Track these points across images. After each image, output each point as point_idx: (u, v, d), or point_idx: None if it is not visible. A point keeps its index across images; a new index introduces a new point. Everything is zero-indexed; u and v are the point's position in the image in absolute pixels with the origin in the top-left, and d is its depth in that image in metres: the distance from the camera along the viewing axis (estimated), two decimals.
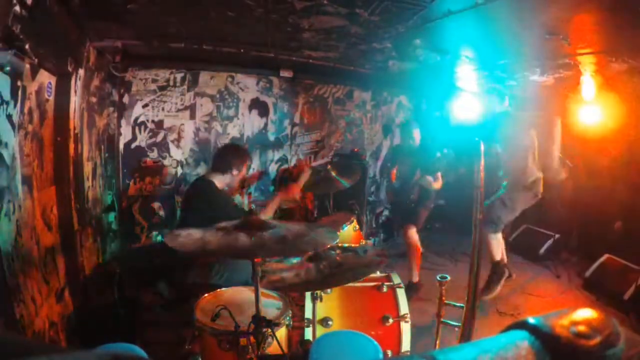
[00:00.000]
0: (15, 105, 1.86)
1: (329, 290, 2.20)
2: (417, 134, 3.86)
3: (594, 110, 3.94)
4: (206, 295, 2.04)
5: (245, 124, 4.51)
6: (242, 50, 3.52)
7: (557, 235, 4.54)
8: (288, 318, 1.88)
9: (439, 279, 2.31)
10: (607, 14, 2.08)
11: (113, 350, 1.45)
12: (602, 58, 2.97)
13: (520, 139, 3.36)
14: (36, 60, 1.93)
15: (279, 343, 1.61)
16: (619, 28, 2.31)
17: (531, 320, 0.40)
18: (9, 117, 1.81)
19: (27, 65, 1.93)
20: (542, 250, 4.57)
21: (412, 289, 3.56)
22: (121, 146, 3.85)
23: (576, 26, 2.40)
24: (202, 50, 3.41)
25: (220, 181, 2.70)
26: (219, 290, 2.10)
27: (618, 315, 3.28)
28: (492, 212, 3.31)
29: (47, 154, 2.34)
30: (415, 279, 3.71)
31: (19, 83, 1.88)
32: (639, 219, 3.92)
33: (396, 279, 2.36)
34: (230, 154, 2.79)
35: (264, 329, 1.62)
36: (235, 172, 2.73)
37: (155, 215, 4.06)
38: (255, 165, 4.64)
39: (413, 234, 3.71)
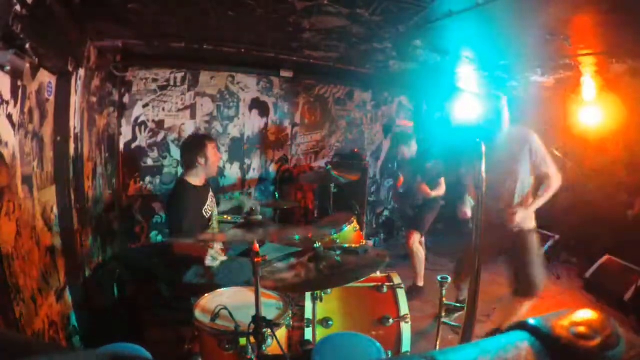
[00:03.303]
0: (15, 105, 1.86)
1: (329, 290, 2.20)
2: (413, 145, 3.91)
3: (594, 110, 3.94)
4: (206, 295, 2.03)
5: (245, 124, 4.51)
6: (242, 50, 3.52)
7: (557, 236, 4.54)
8: (288, 318, 1.87)
9: (439, 279, 2.30)
10: (607, 15, 2.08)
11: (113, 350, 1.45)
12: (603, 59, 2.97)
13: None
14: (36, 59, 1.92)
15: (279, 343, 1.61)
16: (620, 28, 2.31)
17: (531, 320, 0.40)
18: (9, 116, 1.81)
19: (27, 65, 1.93)
20: (542, 251, 4.57)
21: (414, 291, 3.56)
22: (121, 146, 3.85)
23: (577, 27, 2.40)
24: (202, 50, 3.41)
25: (194, 177, 2.69)
26: (219, 290, 2.10)
27: (618, 316, 3.27)
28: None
29: (47, 153, 2.33)
30: (420, 283, 3.71)
31: (19, 82, 1.87)
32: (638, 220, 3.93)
33: (396, 279, 2.35)
34: (187, 149, 2.74)
35: (264, 329, 1.61)
36: (201, 160, 2.67)
37: (155, 215, 4.07)
38: (255, 165, 4.64)
39: (415, 240, 3.71)
